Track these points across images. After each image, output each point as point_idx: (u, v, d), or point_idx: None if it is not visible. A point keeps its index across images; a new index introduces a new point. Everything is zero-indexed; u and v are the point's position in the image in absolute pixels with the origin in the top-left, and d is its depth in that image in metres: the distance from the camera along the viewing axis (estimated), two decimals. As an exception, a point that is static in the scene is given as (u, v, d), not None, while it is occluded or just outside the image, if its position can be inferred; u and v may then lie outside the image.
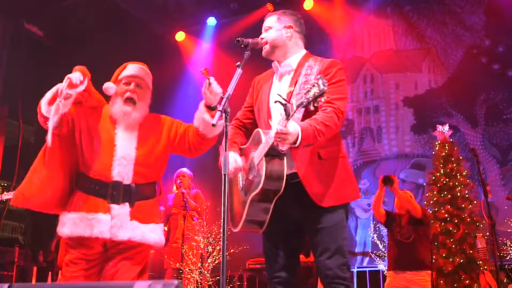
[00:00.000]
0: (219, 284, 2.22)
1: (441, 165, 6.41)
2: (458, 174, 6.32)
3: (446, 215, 6.11)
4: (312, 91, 2.09)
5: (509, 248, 6.44)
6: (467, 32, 8.12)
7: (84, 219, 2.56)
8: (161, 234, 2.72)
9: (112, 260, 2.60)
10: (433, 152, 6.65)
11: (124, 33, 8.23)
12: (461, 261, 5.84)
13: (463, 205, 6.14)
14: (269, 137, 2.33)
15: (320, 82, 2.09)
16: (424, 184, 7.00)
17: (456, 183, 6.26)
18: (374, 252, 7.36)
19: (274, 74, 2.73)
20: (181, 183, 5.87)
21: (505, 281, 5.26)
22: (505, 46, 7.81)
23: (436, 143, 6.59)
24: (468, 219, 6.07)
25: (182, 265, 5.52)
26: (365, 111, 8.64)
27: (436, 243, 5.97)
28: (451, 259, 5.87)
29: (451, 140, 6.57)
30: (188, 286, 5.55)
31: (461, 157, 6.49)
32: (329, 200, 2.43)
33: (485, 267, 5.58)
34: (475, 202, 6.20)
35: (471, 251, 5.86)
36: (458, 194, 6.21)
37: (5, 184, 7.21)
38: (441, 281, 5.84)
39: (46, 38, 7.79)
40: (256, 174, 2.42)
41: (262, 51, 2.69)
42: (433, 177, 6.44)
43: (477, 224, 6.04)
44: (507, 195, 6.59)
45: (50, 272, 6.52)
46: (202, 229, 5.77)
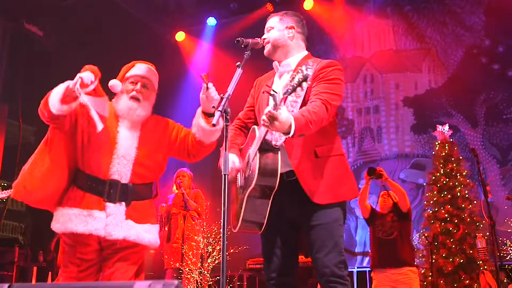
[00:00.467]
0: (219, 284, 2.22)
1: (441, 165, 6.42)
2: (458, 174, 6.32)
3: (446, 215, 6.11)
4: (297, 78, 2.15)
5: (509, 248, 6.44)
6: (467, 32, 8.12)
7: (79, 215, 2.54)
8: (156, 234, 2.71)
9: (108, 260, 2.60)
10: (433, 152, 6.66)
11: (124, 33, 8.22)
12: (461, 261, 5.85)
13: (463, 205, 6.15)
14: (261, 131, 2.36)
15: (303, 68, 2.15)
16: (424, 184, 7.00)
17: (456, 183, 6.27)
18: (374, 252, 7.35)
19: (275, 74, 2.74)
20: (181, 183, 5.87)
21: (505, 281, 5.26)
22: (505, 46, 7.81)
23: (436, 143, 6.59)
24: (468, 219, 6.07)
25: (182, 265, 5.52)
26: (365, 111, 8.64)
27: (436, 243, 5.97)
28: (451, 259, 5.88)
29: (451, 140, 6.58)
30: (188, 286, 5.55)
31: (461, 157, 6.50)
32: (325, 197, 2.43)
33: (485, 267, 5.59)
34: (475, 202, 6.20)
35: (471, 251, 5.86)
36: (458, 194, 6.22)
37: (5, 184, 7.21)
38: (441, 281, 5.84)
39: (46, 38, 7.78)
40: (251, 170, 2.43)
41: (264, 50, 2.70)
42: (433, 177, 6.45)
43: (477, 224, 6.05)
44: (507, 195, 6.59)
45: (50, 272, 6.52)
46: (202, 229, 5.77)
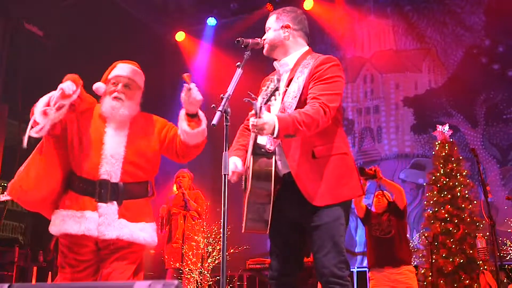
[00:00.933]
0: (219, 284, 2.22)
1: (441, 165, 6.42)
2: (458, 174, 6.32)
3: (446, 215, 6.11)
4: (269, 88, 2.19)
5: (509, 248, 6.44)
6: (467, 32, 8.12)
7: (72, 216, 2.57)
8: (152, 233, 2.68)
9: (106, 261, 2.60)
10: (433, 152, 6.66)
11: (124, 33, 8.22)
12: (461, 261, 5.85)
13: (463, 205, 6.15)
14: (252, 135, 2.38)
15: (275, 78, 2.23)
16: (424, 184, 7.00)
17: (456, 183, 6.27)
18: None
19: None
20: (181, 183, 5.88)
21: (505, 281, 5.27)
22: (505, 46, 7.81)
23: (436, 143, 6.59)
24: (468, 219, 6.07)
25: (182, 265, 5.52)
26: (365, 111, 8.64)
27: (436, 243, 5.97)
28: (451, 259, 5.88)
29: (451, 140, 6.58)
30: (188, 286, 5.55)
31: (461, 157, 6.50)
32: (323, 199, 2.40)
33: (485, 267, 5.58)
34: (475, 202, 6.20)
35: (471, 251, 5.86)
36: (458, 194, 6.22)
37: (5, 184, 7.20)
38: (441, 281, 5.84)
39: (46, 38, 7.79)
40: (247, 174, 2.43)
41: (263, 50, 2.69)
42: (433, 177, 6.45)
43: (477, 224, 6.05)
44: (507, 195, 6.59)
45: (50, 272, 6.52)
46: (202, 229, 5.77)
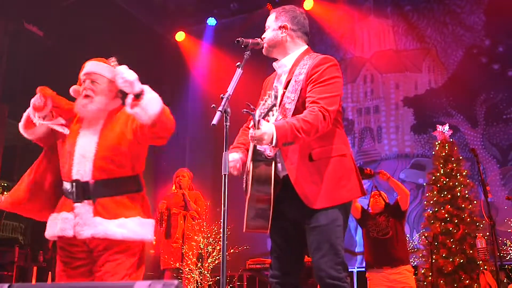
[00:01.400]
0: (219, 284, 2.22)
1: (441, 165, 6.42)
2: (458, 174, 6.32)
3: (446, 215, 6.11)
4: (267, 103, 2.19)
5: (509, 248, 6.45)
6: (467, 32, 8.12)
7: (54, 219, 2.66)
8: (137, 227, 2.59)
9: (98, 261, 2.60)
10: (433, 152, 6.65)
11: (124, 33, 8.22)
12: (461, 261, 5.85)
13: (463, 205, 6.14)
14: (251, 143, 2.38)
15: (272, 93, 2.19)
16: (424, 184, 7.00)
17: (456, 183, 6.27)
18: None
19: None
20: (181, 182, 5.88)
21: (505, 281, 5.27)
22: (505, 46, 7.81)
23: (436, 143, 6.59)
24: (468, 219, 6.07)
25: (182, 265, 5.52)
26: (365, 111, 8.64)
27: (436, 243, 5.97)
28: (451, 259, 5.87)
29: (451, 140, 6.57)
30: (188, 286, 5.55)
31: (461, 157, 6.50)
32: (321, 202, 2.40)
33: (485, 267, 5.58)
34: (475, 202, 6.20)
35: (471, 251, 5.86)
36: (458, 194, 6.21)
37: (5, 184, 7.22)
38: (441, 281, 5.84)
39: (46, 38, 7.79)
40: (248, 178, 2.44)
41: (263, 49, 2.69)
42: (433, 177, 6.45)
43: (477, 224, 6.05)
44: (507, 195, 6.59)
45: (50, 272, 6.52)
46: (202, 229, 5.77)
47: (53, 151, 2.78)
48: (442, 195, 6.25)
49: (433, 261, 5.74)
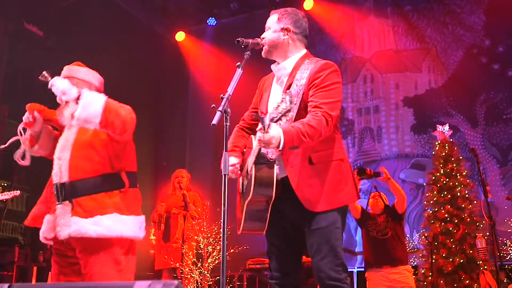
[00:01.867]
0: (219, 284, 2.23)
1: (441, 165, 6.42)
2: (458, 174, 6.32)
3: (446, 215, 6.11)
4: (280, 107, 2.17)
5: (509, 248, 6.45)
6: (467, 32, 8.11)
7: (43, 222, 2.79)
8: (115, 224, 2.58)
9: (81, 261, 2.62)
10: (433, 152, 6.65)
11: (124, 33, 8.22)
12: (461, 261, 5.85)
13: (463, 205, 6.15)
14: (256, 145, 2.36)
15: (287, 99, 2.16)
16: (424, 184, 7.00)
17: (456, 183, 6.27)
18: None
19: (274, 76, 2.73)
20: (180, 183, 5.89)
21: (505, 281, 5.27)
22: (505, 46, 7.81)
23: (436, 143, 6.59)
24: (468, 219, 6.07)
25: (182, 265, 5.52)
26: (365, 111, 8.63)
27: (436, 243, 5.97)
28: (451, 259, 5.88)
29: (451, 140, 6.57)
30: (188, 286, 5.55)
31: (461, 157, 6.50)
32: (320, 205, 2.42)
33: (485, 267, 5.59)
34: (475, 202, 6.20)
35: (471, 251, 5.86)
36: (458, 194, 6.21)
37: (5, 184, 7.21)
38: (441, 281, 5.84)
39: (46, 38, 7.79)
40: (249, 181, 2.45)
41: (262, 51, 2.69)
42: (433, 177, 6.45)
43: (477, 224, 6.05)
44: (507, 195, 6.59)
45: (50, 272, 6.51)
46: (202, 229, 5.78)
47: None
48: (442, 195, 6.25)
49: (433, 261, 5.74)
